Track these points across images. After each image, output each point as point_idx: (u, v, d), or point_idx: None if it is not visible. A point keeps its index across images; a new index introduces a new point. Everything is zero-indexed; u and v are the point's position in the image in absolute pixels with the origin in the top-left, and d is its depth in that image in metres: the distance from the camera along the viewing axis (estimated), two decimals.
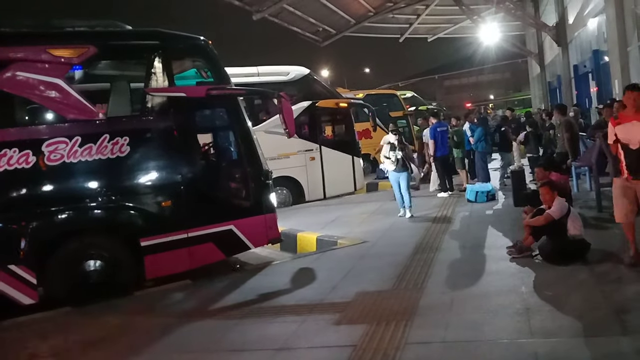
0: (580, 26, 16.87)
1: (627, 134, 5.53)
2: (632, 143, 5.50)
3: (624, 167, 5.61)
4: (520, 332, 4.45)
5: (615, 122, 5.73)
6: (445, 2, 23.99)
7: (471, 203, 10.87)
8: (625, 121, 5.61)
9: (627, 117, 5.62)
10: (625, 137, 5.56)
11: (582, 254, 6.14)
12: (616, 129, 5.66)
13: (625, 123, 5.58)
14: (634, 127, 5.50)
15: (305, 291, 6.26)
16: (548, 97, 24.71)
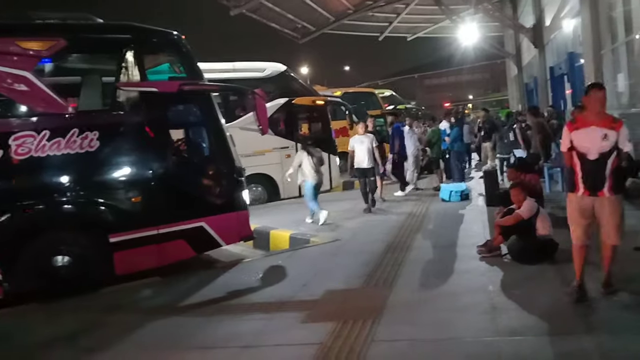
0: (557, 28, 17.13)
1: (585, 141, 4.81)
2: (590, 152, 4.78)
3: (580, 180, 4.89)
4: (486, 331, 4.52)
5: (572, 126, 4.95)
6: (425, 1, 24.13)
7: (445, 202, 10.99)
8: (583, 126, 4.84)
9: (586, 122, 4.85)
10: (582, 145, 4.82)
11: (550, 254, 6.26)
12: (572, 134, 4.89)
13: (584, 128, 4.82)
14: (593, 134, 4.75)
15: (275, 289, 6.27)
16: (525, 98, 25.02)
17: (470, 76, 54.89)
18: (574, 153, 4.92)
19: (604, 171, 4.77)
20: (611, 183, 4.77)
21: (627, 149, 4.81)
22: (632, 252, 6.06)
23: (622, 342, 4.05)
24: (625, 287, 5.08)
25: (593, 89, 4.89)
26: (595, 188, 4.81)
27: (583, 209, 4.92)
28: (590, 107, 4.88)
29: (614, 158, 4.77)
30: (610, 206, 4.82)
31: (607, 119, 4.82)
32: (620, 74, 11.44)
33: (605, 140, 4.70)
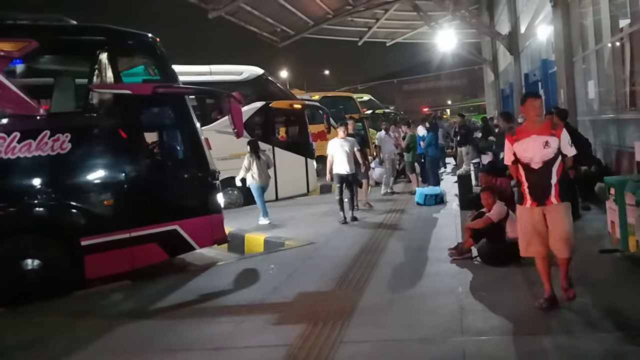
0: (531, 36, 17.43)
1: (527, 151, 4.78)
2: (533, 162, 4.76)
3: (526, 191, 4.85)
4: (452, 332, 4.61)
5: (512, 138, 4.91)
6: (404, 7, 24.40)
7: (420, 206, 11.12)
8: (523, 136, 4.83)
9: (525, 132, 4.86)
10: (525, 156, 4.80)
11: (518, 257, 6.35)
12: (514, 146, 4.86)
13: (524, 139, 4.81)
14: (534, 143, 4.76)
15: (247, 292, 6.30)
16: (501, 104, 25.38)
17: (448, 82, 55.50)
18: (518, 165, 4.89)
19: (549, 179, 4.75)
20: (558, 190, 4.75)
21: (571, 153, 4.81)
22: (597, 255, 6.22)
23: (583, 342, 4.16)
24: (589, 289, 5.22)
25: (529, 98, 4.91)
26: (543, 197, 4.77)
27: (535, 221, 4.83)
28: (529, 117, 4.93)
29: (559, 165, 4.76)
30: (559, 213, 4.77)
31: (546, 126, 4.84)
32: (591, 81, 11.70)
33: (547, 147, 4.71)
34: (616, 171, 9.40)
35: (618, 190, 5.92)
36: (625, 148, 9.36)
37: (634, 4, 8.87)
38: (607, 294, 5.09)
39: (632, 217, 5.59)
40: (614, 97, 10.14)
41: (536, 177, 4.79)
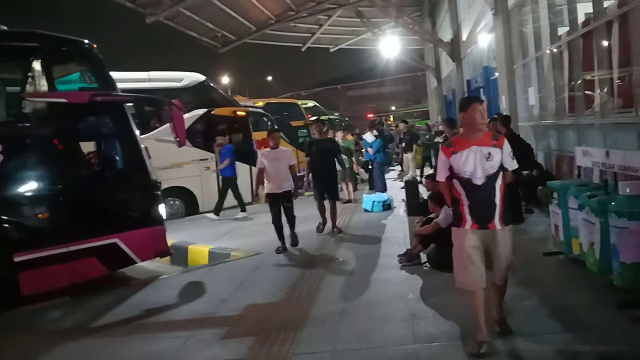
0: (473, 43, 17.99)
1: (467, 165, 4.19)
2: (475, 177, 4.19)
3: (466, 211, 4.27)
4: (405, 338, 4.69)
5: (449, 150, 4.29)
6: (347, 14, 24.73)
7: (368, 213, 11.26)
8: (462, 148, 4.23)
9: (464, 142, 4.26)
10: (464, 170, 4.21)
11: None
12: (452, 159, 4.26)
13: (463, 150, 4.21)
14: (475, 155, 4.19)
15: (194, 305, 6.21)
16: (444, 109, 26.05)
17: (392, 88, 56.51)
18: (455, 181, 4.31)
19: (493, 197, 4.22)
20: (502, 212, 4.23)
21: (512, 167, 4.29)
22: (542, 258, 6.47)
23: (535, 344, 4.30)
24: (536, 290, 5.42)
25: (473, 103, 4.29)
26: (485, 219, 4.22)
27: (474, 246, 4.28)
28: (471, 124, 4.26)
29: (501, 181, 4.24)
30: (502, 241, 4.29)
31: (486, 136, 4.28)
32: (531, 87, 12.19)
33: (490, 160, 4.18)
34: (557, 175, 9.82)
35: (561, 194, 6.18)
36: (565, 152, 9.80)
37: (572, 11, 9.31)
38: (554, 295, 5.30)
39: (575, 221, 5.84)
40: (554, 103, 10.61)
41: (479, 194, 4.21)
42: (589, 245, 5.45)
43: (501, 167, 4.25)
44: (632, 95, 7.27)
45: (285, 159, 8.47)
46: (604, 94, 8.36)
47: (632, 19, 7.08)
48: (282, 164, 8.38)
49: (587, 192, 5.65)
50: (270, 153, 8.46)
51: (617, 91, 7.91)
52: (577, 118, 9.20)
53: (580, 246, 5.71)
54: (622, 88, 7.74)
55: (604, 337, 4.29)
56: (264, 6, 22.35)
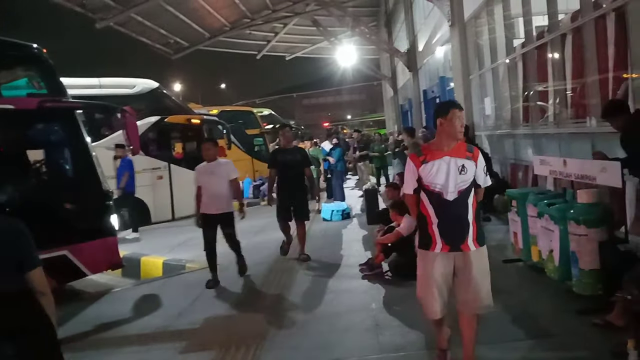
0: (429, 54, 18.35)
1: (439, 177, 3.77)
2: (447, 191, 3.77)
3: (435, 231, 3.83)
4: (369, 349, 4.69)
5: (419, 159, 3.85)
6: (303, 22, 24.89)
7: (327, 222, 11.28)
8: (433, 157, 3.80)
9: (436, 152, 3.83)
10: (435, 183, 3.78)
11: None
12: (421, 170, 3.82)
13: (435, 160, 3.79)
14: (448, 167, 3.77)
15: (150, 319, 6.07)
16: (400, 119, 26.43)
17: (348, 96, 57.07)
18: (423, 196, 3.87)
19: (466, 215, 3.81)
20: (476, 231, 3.83)
21: (486, 184, 3.94)
22: (501, 265, 6.59)
23: (499, 352, 4.37)
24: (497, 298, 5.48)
25: (453, 109, 3.83)
26: (458, 240, 3.81)
27: (445, 273, 3.87)
28: (450, 132, 3.81)
29: (473, 197, 3.85)
30: (478, 263, 3.86)
31: (461, 147, 3.85)
32: (487, 97, 12.49)
33: (463, 173, 3.78)
34: (512, 184, 10.07)
35: (520, 202, 6.33)
36: (520, 161, 10.06)
37: (527, 24, 9.61)
38: (516, 302, 5.40)
39: (534, 228, 5.98)
40: (509, 113, 10.89)
41: (450, 211, 3.79)
42: (548, 252, 5.59)
43: (474, 182, 3.83)
44: (585, 106, 7.53)
45: (223, 173, 7.17)
46: (557, 104, 8.64)
47: (584, 32, 7.35)
48: (218, 179, 7.11)
49: (545, 200, 5.81)
50: (205, 167, 7.19)
51: (570, 102, 8.18)
52: (532, 128, 9.46)
53: (540, 253, 5.85)
54: (576, 99, 8.02)
55: (565, 343, 4.41)
56: (219, 13, 22.24)
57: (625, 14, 6.34)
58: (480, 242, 3.88)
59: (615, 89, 6.85)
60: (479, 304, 3.89)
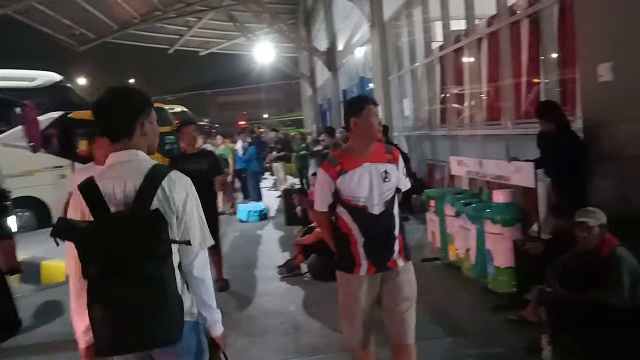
0: (349, 53, 18.64)
1: (360, 188, 3.25)
2: (372, 204, 3.27)
3: (360, 252, 3.31)
4: (288, 352, 4.71)
5: (334, 170, 3.27)
6: (219, 17, 24.54)
7: (243, 223, 11.19)
8: (352, 166, 3.26)
9: (354, 159, 3.28)
10: (356, 196, 3.26)
11: None
12: (338, 182, 3.26)
13: (354, 169, 3.25)
14: (370, 175, 3.27)
15: (54, 326, 5.80)
16: (319, 118, 26.66)
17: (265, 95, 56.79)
18: (342, 212, 3.33)
19: (393, 229, 3.36)
20: (402, 244, 3.41)
21: (406, 187, 3.48)
22: (420, 264, 6.79)
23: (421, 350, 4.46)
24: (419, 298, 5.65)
25: (368, 105, 3.31)
26: (384, 258, 3.35)
27: (370, 298, 3.41)
28: (366, 132, 3.28)
29: (397, 206, 3.40)
30: (407, 280, 3.45)
31: (380, 150, 3.38)
32: (406, 98, 12.86)
33: (387, 180, 3.30)
34: (430, 184, 10.41)
35: (438, 202, 6.56)
36: (437, 162, 10.42)
37: (445, 27, 9.96)
38: (434, 301, 5.56)
39: (451, 228, 6.22)
40: (427, 115, 11.26)
41: (377, 227, 3.31)
42: (465, 251, 5.83)
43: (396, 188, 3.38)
44: (500, 109, 7.91)
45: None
46: (473, 106, 9.02)
47: (500, 37, 7.71)
48: None
49: (463, 200, 6.05)
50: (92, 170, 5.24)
51: (486, 104, 8.57)
52: (449, 129, 9.82)
53: (457, 252, 6.08)
54: (491, 102, 8.40)
55: (481, 340, 4.60)
56: (128, 4, 21.52)
57: (538, 20, 6.72)
58: (407, 255, 3.45)
59: (528, 93, 7.24)
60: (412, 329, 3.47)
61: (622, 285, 3.73)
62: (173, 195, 2.18)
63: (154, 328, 2.07)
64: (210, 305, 2.31)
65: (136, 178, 2.15)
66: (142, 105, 2.27)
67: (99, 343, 2.12)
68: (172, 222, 2.16)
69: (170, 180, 2.19)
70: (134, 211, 2.09)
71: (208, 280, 2.30)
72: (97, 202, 2.11)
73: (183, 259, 2.22)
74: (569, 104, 6.12)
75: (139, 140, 2.25)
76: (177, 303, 2.13)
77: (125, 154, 2.22)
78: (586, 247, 3.97)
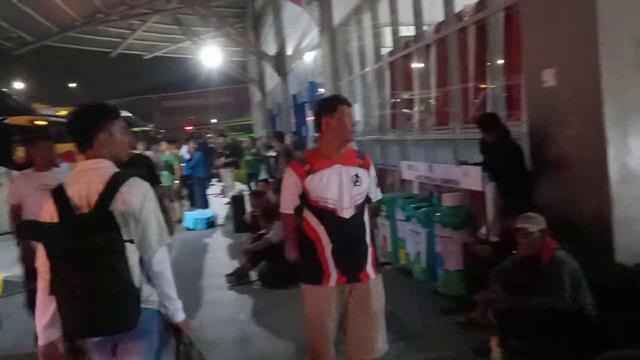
0: (298, 58, 18.69)
1: (329, 190, 3.17)
2: (342, 207, 3.19)
3: (329, 259, 3.18)
4: None
5: (303, 169, 3.21)
6: (164, 20, 24.22)
7: (190, 231, 11.05)
8: (322, 166, 3.20)
9: (324, 159, 3.22)
10: (326, 197, 3.17)
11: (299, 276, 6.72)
12: (306, 182, 3.19)
13: (323, 170, 3.19)
14: (340, 177, 3.20)
15: None
16: (269, 123, 26.61)
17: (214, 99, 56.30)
18: (309, 215, 3.23)
19: (364, 236, 3.28)
20: (374, 255, 3.34)
21: (377, 197, 3.50)
22: None
23: None
24: None
25: (341, 105, 3.25)
26: (356, 267, 3.23)
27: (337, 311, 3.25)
28: (339, 133, 3.23)
29: (368, 214, 3.34)
30: (376, 294, 3.32)
31: (352, 153, 3.34)
32: (357, 104, 12.97)
33: (358, 184, 3.23)
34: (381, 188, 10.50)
35: (389, 206, 6.64)
36: (388, 167, 10.55)
37: (394, 33, 10.12)
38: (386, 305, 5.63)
39: (402, 232, 6.31)
40: (378, 120, 11.40)
41: (347, 232, 3.22)
42: (416, 254, 5.92)
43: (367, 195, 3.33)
44: (448, 114, 8.08)
45: None
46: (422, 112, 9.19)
47: (447, 43, 7.89)
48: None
49: (413, 204, 6.15)
50: (31, 177, 5.03)
51: (435, 109, 8.74)
52: (399, 134, 9.97)
53: (407, 256, 6.18)
54: (439, 107, 8.58)
55: (431, 343, 4.71)
56: (69, 6, 20.94)
57: (485, 27, 6.91)
58: (378, 267, 3.35)
59: (475, 99, 7.43)
60: (378, 345, 3.32)
61: (564, 289, 3.85)
62: (131, 199, 2.49)
63: (114, 314, 2.39)
64: (170, 296, 2.65)
65: (99, 184, 2.49)
66: (98, 121, 2.58)
67: (67, 329, 2.43)
68: (130, 223, 2.48)
69: (129, 186, 2.51)
70: (94, 212, 2.43)
71: (167, 273, 2.62)
72: (64, 204, 2.46)
73: (143, 255, 2.54)
74: (515, 108, 6.31)
75: (101, 150, 2.58)
76: (135, 293, 2.46)
77: (90, 163, 2.58)
78: (527, 252, 4.10)
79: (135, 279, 2.47)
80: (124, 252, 2.41)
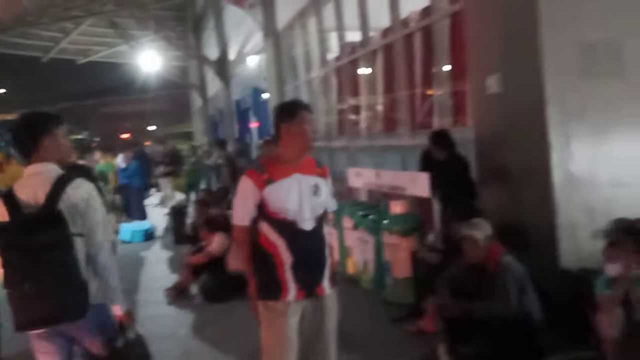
0: (241, 63, 18.61)
1: (289, 200, 3.08)
2: (302, 219, 3.11)
3: (287, 273, 3.09)
4: None
5: (261, 178, 3.08)
6: (99, 23, 23.72)
7: (127, 244, 10.79)
8: (281, 175, 3.10)
9: (284, 168, 3.13)
10: (285, 208, 3.07)
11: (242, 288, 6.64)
12: (265, 192, 3.07)
13: (283, 179, 3.09)
14: (300, 187, 3.12)
15: None
16: (211, 130, 26.35)
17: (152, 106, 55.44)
18: (266, 227, 3.11)
19: (323, 249, 3.24)
20: (332, 268, 3.33)
21: (333, 207, 3.44)
22: None
23: None
24: None
25: (301, 110, 3.17)
26: (315, 281, 3.18)
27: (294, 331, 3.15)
28: (299, 140, 3.13)
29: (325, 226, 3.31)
30: (332, 310, 3.31)
31: (310, 162, 3.27)
32: None
33: (317, 195, 3.17)
34: None
35: (337, 214, 6.65)
36: (336, 174, 10.57)
37: (340, 38, 10.20)
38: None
39: (349, 240, 6.34)
40: (324, 126, 11.45)
41: (308, 245, 3.15)
42: (364, 263, 5.96)
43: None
44: (396, 120, 8.20)
45: None
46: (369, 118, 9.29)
47: (394, 49, 8.01)
48: None
49: (361, 212, 6.19)
50: None
51: (382, 115, 8.85)
52: (347, 141, 10.04)
53: (355, 265, 6.20)
54: (386, 113, 8.69)
55: (380, 352, 4.73)
56: None
57: (431, 33, 7.05)
58: (334, 281, 3.31)
59: (422, 104, 7.57)
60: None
61: (509, 295, 3.94)
62: (77, 198, 2.80)
63: (63, 304, 2.70)
64: (114, 288, 2.91)
65: (45, 185, 2.79)
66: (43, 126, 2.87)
67: (18, 320, 2.72)
68: (77, 220, 2.78)
69: (74, 185, 2.82)
70: (42, 211, 2.74)
71: (111, 267, 2.89)
72: (13, 206, 2.77)
73: (89, 250, 2.82)
74: (461, 114, 6.45)
75: (46, 154, 2.86)
76: (83, 285, 2.76)
77: (36, 167, 2.86)
78: (473, 259, 4.18)
79: (83, 272, 2.77)
80: (73, 247, 2.72)
